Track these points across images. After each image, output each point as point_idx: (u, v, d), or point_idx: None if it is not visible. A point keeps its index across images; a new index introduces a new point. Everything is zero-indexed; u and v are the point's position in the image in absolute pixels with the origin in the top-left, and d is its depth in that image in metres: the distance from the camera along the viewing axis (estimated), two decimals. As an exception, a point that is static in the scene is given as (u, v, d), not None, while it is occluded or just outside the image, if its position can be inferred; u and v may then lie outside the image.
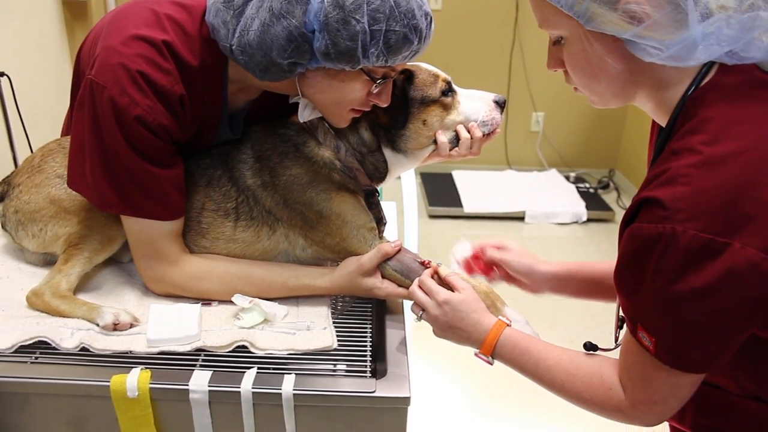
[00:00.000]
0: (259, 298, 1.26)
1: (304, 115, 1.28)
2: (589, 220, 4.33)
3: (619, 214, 4.47)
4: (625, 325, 1.00)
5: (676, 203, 0.84)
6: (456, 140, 1.37)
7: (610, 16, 0.89)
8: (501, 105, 1.41)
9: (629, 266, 0.92)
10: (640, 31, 0.88)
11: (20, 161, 1.76)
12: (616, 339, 1.11)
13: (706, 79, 0.92)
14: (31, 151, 1.38)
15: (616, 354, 1.07)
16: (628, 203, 4.61)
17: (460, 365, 2.85)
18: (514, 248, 1.39)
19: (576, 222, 4.33)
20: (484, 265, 1.40)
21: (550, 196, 4.46)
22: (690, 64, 0.91)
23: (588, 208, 4.35)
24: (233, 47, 1.18)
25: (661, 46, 0.89)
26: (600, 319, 3.19)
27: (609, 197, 4.67)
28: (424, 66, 1.38)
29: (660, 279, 0.86)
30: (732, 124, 0.87)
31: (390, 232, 1.66)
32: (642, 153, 4.53)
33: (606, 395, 1.01)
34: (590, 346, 1.09)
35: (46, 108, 2.42)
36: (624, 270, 0.94)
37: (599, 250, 3.98)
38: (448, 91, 1.37)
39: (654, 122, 1.12)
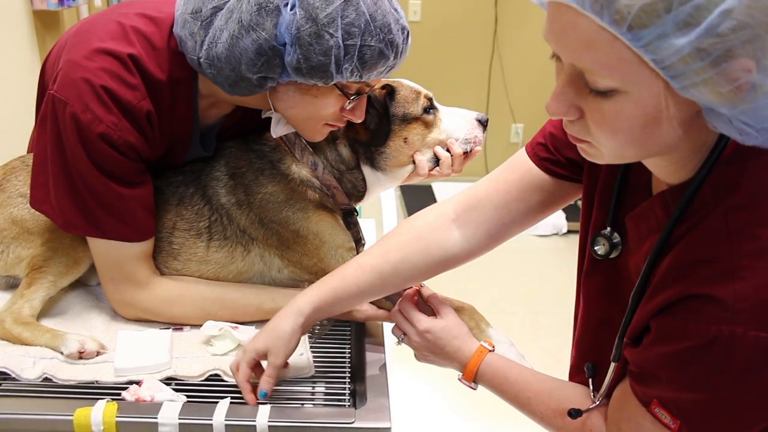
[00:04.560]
0: (234, 322, 1.22)
1: (277, 130, 1.24)
2: (569, 231, 4.33)
3: (599, 226, 4.47)
4: (611, 374, 0.94)
5: (739, 303, 0.74)
6: (435, 160, 1.34)
7: (720, 87, 0.68)
8: (483, 123, 1.38)
9: (666, 362, 0.81)
10: (746, 108, 0.69)
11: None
12: (596, 388, 1.00)
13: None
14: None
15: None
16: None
17: (444, 379, 2.81)
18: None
19: (556, 234, 4.33)
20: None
21: (531, 207, 4.45)
22: None
23: (568, 219, 4.34)
24: (201, 60, 1.13)
25: (756, 125, 0.71)
26: (582, 333, 3.16)
27: (589, 209, 4.68)
28: (405, 82, 1.34)
29: (713, 382, 0.78)
30: None
31: (369, 250, 1.62)
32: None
33: None
34: (575, 413, 0.98)
35: (14, 122, 2.35)
36: (654, 361, 0.83)
37: (580, 262, 3.98)
38: (430, 108, 1.33)
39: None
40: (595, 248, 0.98)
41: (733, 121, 0.71)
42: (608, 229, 0.97)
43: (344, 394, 1.14)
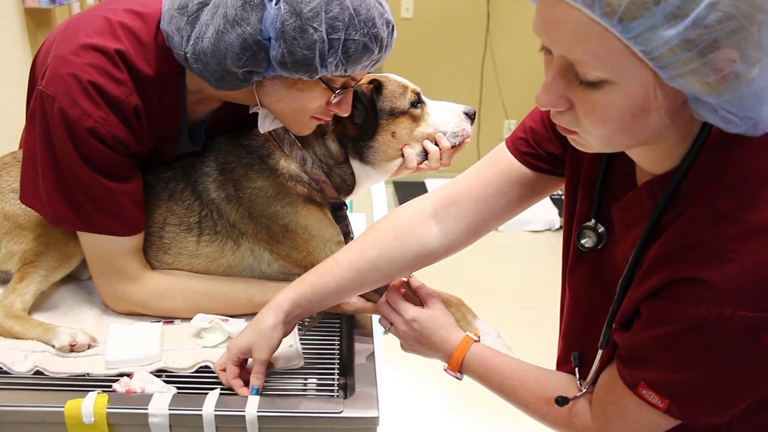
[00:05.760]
0: (225, 315, 1.23)
1: (264, 125, 1.25)
2: (561, 227, 4.33)
3: (592, 221, 4.50)
4: (597, 361, 0.96)
5: (727, 285, 0.76)
6: (424, 153, 1.35)
7: (707, 76, 0.70)
8: (471, 116, 1.39)
9: (656, 343, 0.84)
10: (730, 97, 0.72)
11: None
12: (582, 377, 1.02)
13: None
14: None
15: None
16: (600, 210, 4.64)
17: (432, 370, 2.83)
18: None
19: (549, 229, 4.35)
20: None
21: (523, 203, 4.47)
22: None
23: (560, 215, 4.36)
24: (188, 55, 1.14)
25: (739, 113, 0.73)
26: (574, 327, 3.18)
27: (581, 204, 4.69)
28: (393, 77, 1.36)
29: (702, 362, 0.81)
30: None
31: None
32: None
33: (570, 421, 0.99)
34: (562, 401, 0.99)
35: (6, 119, 2.35)
36: (644, 344, 0.86)
37: (572, 257, 4.00)
38: (418, 102, 1.35)
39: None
40: (582, 241, 1.00)
41: (718, 110, 0.73)
42: (593, 220, 0.99)
43: (334, 385, 1.15)
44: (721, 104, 0.73)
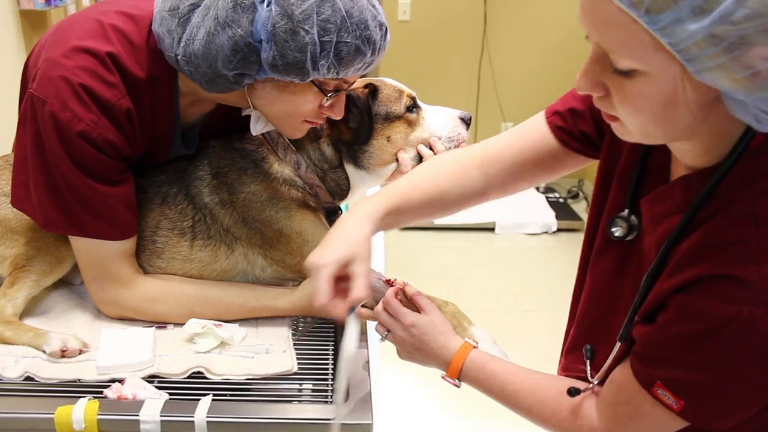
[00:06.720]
0: (218, 320, 1.22)
1: (257, 128, 1.24)
2: (558, 230, 4.35)
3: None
4: (614, 353, 0.95)
5: (762, 284, 0.76)
6: (419, 158, 1.35)
7: (735, 73, 0.69)
8: (466, 121, 1.39)
9: (681, 341, 0.83)
10: (762, 96, 0.71)
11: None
12: (591, 374, 1.01)
13: None
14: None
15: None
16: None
17: (426, 377, 2.82)
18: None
19: (546, 232, 4.34)
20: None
21: (520, 206, 4.47)
22: None
23: (558, 218, 4.36)
24: (179, 57, 1.13)
25: None
26: (571, 331, 3.17)
27: (578, 207, 4.69)
28: (388, 81, 1.35)
29: (725, 363, 0.80)
30: None
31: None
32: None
33: (575, 423, 0.98)
34: (574, 391, 0.99)
35: (1, 122, 2.34)
36: (666, 341, 0.85)
37: (569, 260, 3.99)
38: (413, 107, 1.34)
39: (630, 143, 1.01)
40: (612, 230, 1.00)
41: (750, 108, 0.72)
42: (626, 211, 0.99)
43: (328, 391, 1.14)
44: (753, 102, 0.72)
